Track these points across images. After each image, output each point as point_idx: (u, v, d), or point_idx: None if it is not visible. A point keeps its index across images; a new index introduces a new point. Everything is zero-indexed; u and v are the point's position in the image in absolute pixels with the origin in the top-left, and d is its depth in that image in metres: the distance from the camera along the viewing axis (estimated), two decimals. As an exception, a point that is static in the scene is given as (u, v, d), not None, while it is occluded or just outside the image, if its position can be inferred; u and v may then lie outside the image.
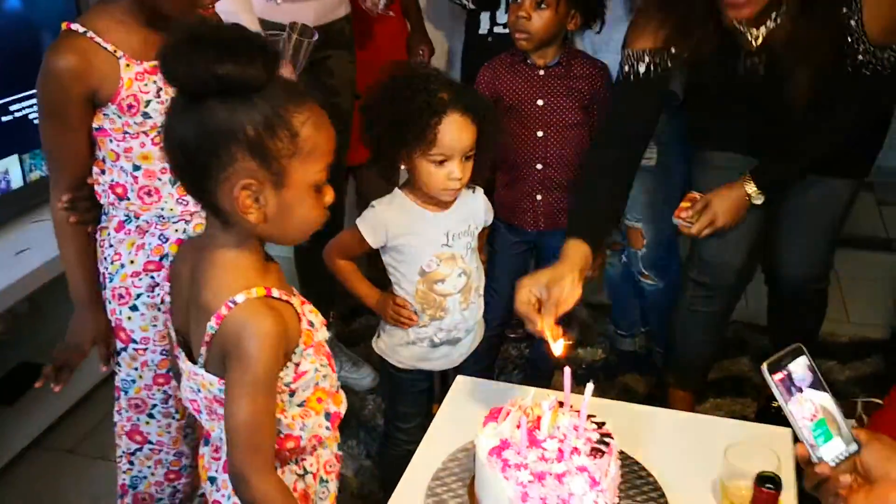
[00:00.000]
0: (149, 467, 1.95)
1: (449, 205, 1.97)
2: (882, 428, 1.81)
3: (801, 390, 1.10)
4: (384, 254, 1.99)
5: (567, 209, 2.36)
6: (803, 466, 1.11)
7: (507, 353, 3.04)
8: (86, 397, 2.78)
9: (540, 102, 2.30)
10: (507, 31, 2.49)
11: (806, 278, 2.47)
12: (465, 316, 2.02)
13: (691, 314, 2.49)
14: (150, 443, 1.92)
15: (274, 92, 1.19)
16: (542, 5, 2.21)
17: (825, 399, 1.12)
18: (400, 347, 2.03)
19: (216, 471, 1.41)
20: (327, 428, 1.41)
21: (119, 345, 1.84)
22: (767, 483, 1.03)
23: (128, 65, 1.63)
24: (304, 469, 1.42)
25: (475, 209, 2.03)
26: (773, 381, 1.08)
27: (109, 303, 1.81)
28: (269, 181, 1.21)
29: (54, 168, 1.74)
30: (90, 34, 1.60)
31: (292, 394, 1.34)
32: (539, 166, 2.35)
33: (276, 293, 1.27)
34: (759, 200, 2.18)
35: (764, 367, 1.08)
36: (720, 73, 2.07)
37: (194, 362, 1.31)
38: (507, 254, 2.49)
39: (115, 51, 1.61)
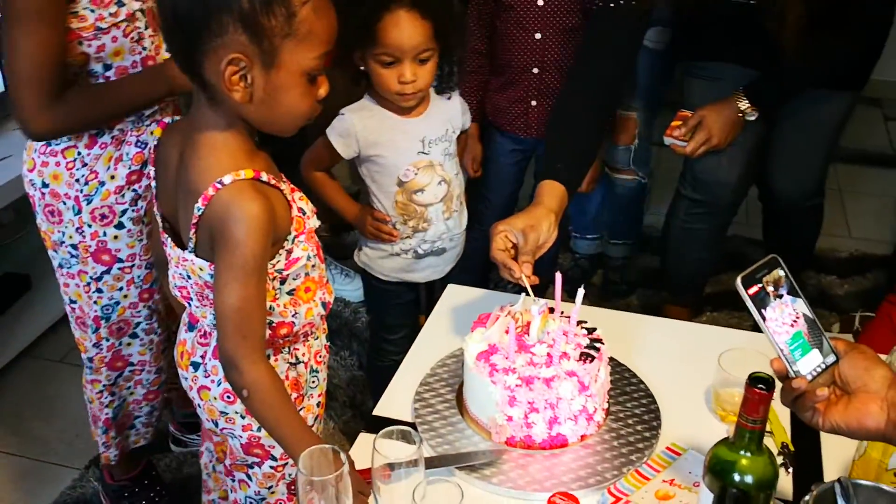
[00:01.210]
0: (128, 389, 1.93)
1: (422, 110, 1.87)
2: (873, 339, 1.78)
3: (780, 296, 1.06)
4: (359, 164, 1.91)
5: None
6: (779, 381, 1.07)
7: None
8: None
9: (540, 2, 2.19)
10: None
11: (800, 193, 2.42)
12: (449, 225, 1.96)
13: (686, 231, 2.44)
14: (132, 364, 1.90)
15: None
16: None
17: (802, 307, 1.07)
18: (383, 259, 1.98)
19: (202, 356, 1.39)
20: (320, 315, 1.39)
21: (100, 269, 1.75)
22: (760, 384, 0.99)
23: None
24: (297, 358, 1.40)
25: (451, 113, 1.93)
26: (747, 294, 1.04)
27: (89, 226, 1.70)
28: (259, 59, 1.15)
29: (32, 83, 1.50)
30: None
31: (283, 281, 1.30)
32: (535, 70, 2.26)
33: (264, 177, 1.22)
34: (752, 117, 2.12)
35: (738, 280, 1.04)
36: None
37: (183, 248, 1.27)
38: (502, 162, 2.43)
39: None
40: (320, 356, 1.47)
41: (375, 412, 1.45)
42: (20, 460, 2.31)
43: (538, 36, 2.21)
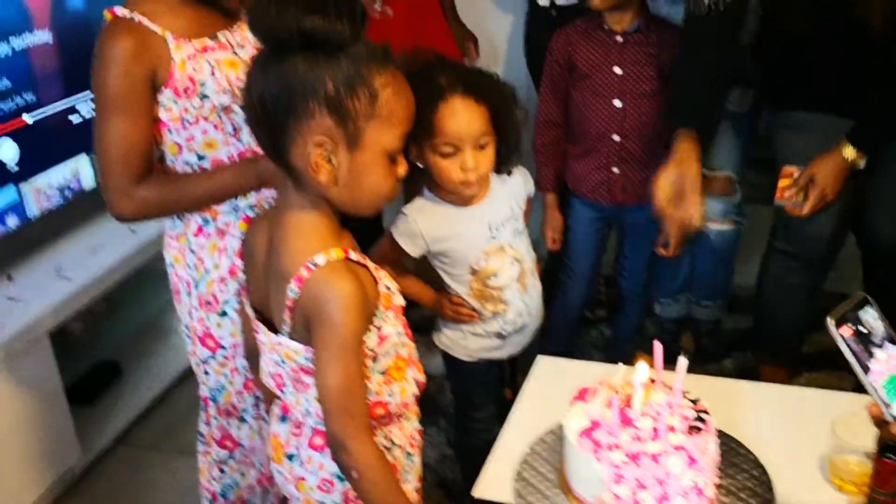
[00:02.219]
0: (241, 472, 1.92)
1: (483, 195, 1.83)
2: None
3: (878, 346, 1.01)
4: (430, 259, 1.88)
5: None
6: (876, 426, 1.01)
7: (586, 335, 2.95)
8: (165, 393, 2.79)
9: (617, 70, 2.20)
10: (569, 2, 2.41)
11: None
12: (527, 302, 1.92)
13: (781, 286, 2.37)
14: (242, 446, 1.89)
15: (358, 51, 1.17)
16: None
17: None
18: (464, 340, 1.95)
19: (296, 447, 1.38)
20: (413, 395, 1.38)
21: (206, 353, 1.77)
22: (888, 453, 0.93)
23: (177, 45, 1.56)
24: (392, 441, 1.38)
25: (514, 190, 1.89)
26: (839, 334, 0.99)
27: (196, 310, 1.73)
28: (344, 141, 1.19)
29: (116, 168, 1.57)
30: (136, 17, 1.54)
31: (375, 359, 1.30)
32: (616, 137, 2.25)
33: (353, 255, 1.24)
34: (861, 164, 2.05)
35: (829, 320, 0.99)
36: (796, 13, 1.98)
37: (276, 333, 1.28)
38: (584, 231, 2.41)
39: (163, 32, 1.55)
40: (414, 440, 1.45)
41: (475, 493, 1.42)
42: (116, 550, 2.32)
43: (617, 103, 2.21)
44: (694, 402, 1.35)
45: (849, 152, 2.04)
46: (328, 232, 1.25)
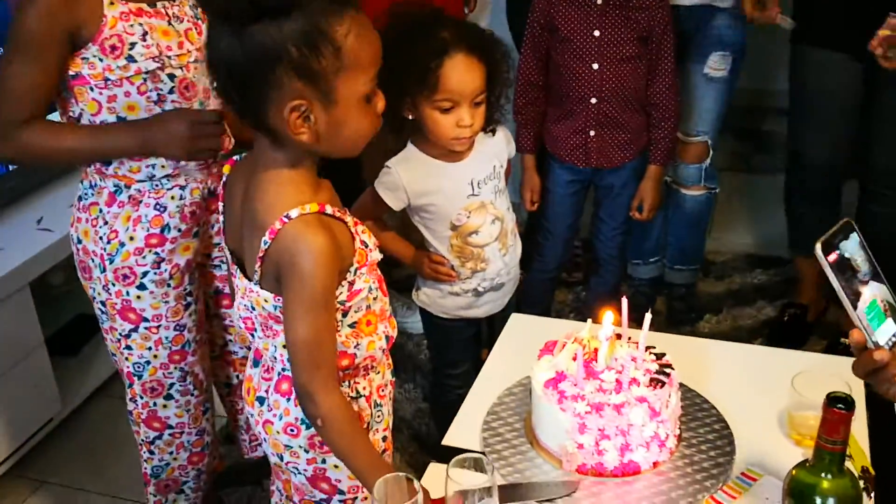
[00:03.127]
0: (170, 453, 1.91)
1: (467, 153, 1.87)
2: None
3: (862, 272, 1.04)
4: (411, 214, 1.91)
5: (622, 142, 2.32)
6: (856, 353, 1.05)
7: (562, 297, 2.99)
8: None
9: (596, 33, 2.21)
10: None
11: None
12: (506, 261, 1.96)
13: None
14: (170, 426, 1.88)
15: (312, 5, 1.16)
16: None
17: (877, 283, 1.06)
18: (442, 299, 1.99)
19: (266, 391, 1.40)
20: (381, 349, 1.40)
21: (128, 326, 1.75)
22: (839, 403, 0.97)
23: (112, 3, 1.54)
24: (357, 392, 1.40)
25: (496, 149, 1.93)
26: (827, 261, 1.02)
27: (113, 284, 1.70)
28: (319, 100, 1.19)
29: (7, 107, 1.55)
30: None
31: (345, 313, 1.32)
32: (593, 101, 2.27)
33: (329, 209, 1.25)
34: None
35: (818, 247, 1.02)
36: None
37: (249, 279, 1.30)
38: (561, 192, 2.43)
39: None
40: (384, 390, 1.47)
41: (444, 443, 1.45)
42: (92, 496, 2.36)
43: (595, 66, 2.23)
44: (658, 356, 1.39)
45: None
46: (305, 185, 1.26)
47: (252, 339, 1.40)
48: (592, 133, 2.31)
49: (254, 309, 1.33)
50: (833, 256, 1.03)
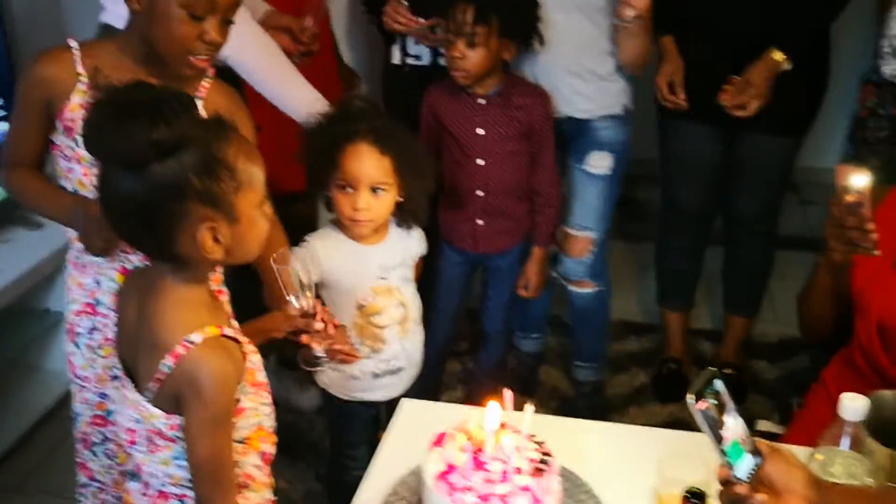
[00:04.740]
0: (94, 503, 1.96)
1: (380, 238, 2.00)
2: (799, 428, 1.92)
3: (724, 422, 1.18)
4: (320, 288, 1.99)
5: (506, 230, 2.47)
6: (721, 486, 1.19)
7: (451, 368, 3.08)
8: (29, 433, 2.73)
9: (480, 131, 2.35)
10: (420, 61, 2.56)
11: (756, 218, 2.85)
12: (405, 346, 2.07)
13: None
14: (97, 480, 1.93)
15: (202, 136, 1.23)
16: (474, 43, 2.22)
17: (738, 423, 1.20)
18: (344, 381, 2.06)
19: None
20: (256, 467, 1.43)
21: (70, 374, 1.86)
22: (694, 497, 1.10)
23: (82, 91, 1.65)
24: None
25: (409, 244, 2.07)
26: (696, 409, 1.15)
27: (65, 333, 1.84)
28: (223, 219, 1.26)
29: (7, 146, 1.78)
30: (76, 52, 1.66)
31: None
32: (480, 193, 2.40)
33: (227, 331, 1.31)
34: (787, 66, 2.46)
35: (689, 398, 1.16)
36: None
37: (140, 393, 1.34)
38: (450, 273, 2.56)
39: (80, 74, 1.65)
40: None
41: (341, 533, 1.51)
42: None
43: (480, 161, 2.37)
44: (539, 444, 1.49)
45: (777, 55, 2.44)
46: (203, 307, 1.32)
47: (131, 453, 1.42)
48: (480, 222, 2.44)
49: (140, 422, 1.36)
50: (703, 404, 1.16)
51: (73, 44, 1.68)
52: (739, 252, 2.98)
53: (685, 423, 2.69)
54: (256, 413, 1.39)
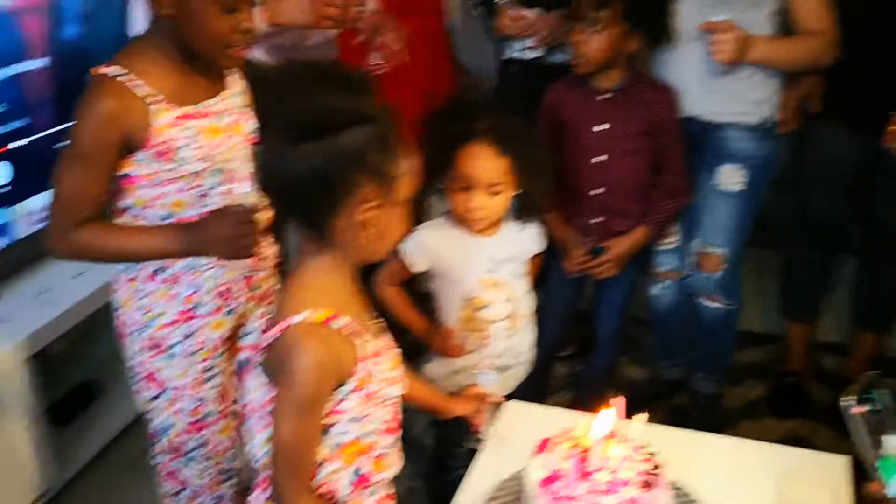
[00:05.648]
0: None
1: (494, 230, 1.96)
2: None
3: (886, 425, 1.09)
4: (429, 279, 1.99)
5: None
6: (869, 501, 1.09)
7: (557, 372, 3.01)
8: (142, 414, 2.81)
9: (600, 127, 2.28)
10: (535, 55, 2.51)
11: None
12: (513, 343, 2.01)
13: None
14: (190, 485, 1.94)
15: (380, 115, 1.25)
16: (596, 28, 2.16)
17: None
18: (449, 375, 2.03)
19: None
20: (349, 483, 1.36)
21: (151, 393, 1.83)
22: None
23: (162, 109, 1.61)
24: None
25: (525, 240, 2.01)
26: (853, 414, 1.07)
27: (142, 353, 1.80)
28: (383, 202, 1.26)
29: (63, 209, 1.65)
30: (123, 78, 1.59)
31: (326, 429, 1.31)
32: (597, 191, 2.33)
33: (339, 322, 1.27)
34: None
35: (846, 400, 1.07)
36: None
37: None
38: (563, 275, 2.48)
39: (146, 95, 1.60)
40: None
41: (438, 535, 1.48)
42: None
43: (599, 159, 2.30)
44: (650, 455, 1.42)
45: None
46: (334, 293, 1.30)
47: (247, 423, 1.40)
48: (597, 220, 2.37)
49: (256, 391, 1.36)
50: (859, 409, 1.07)
51: (111, 71, 1.59)
52: (877, 263, 2.80)
53: (805, 440, 2.62)
54: (361, 425, 1.33)
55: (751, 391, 2.97)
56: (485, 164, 1.85)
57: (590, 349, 2.78)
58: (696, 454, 1.62)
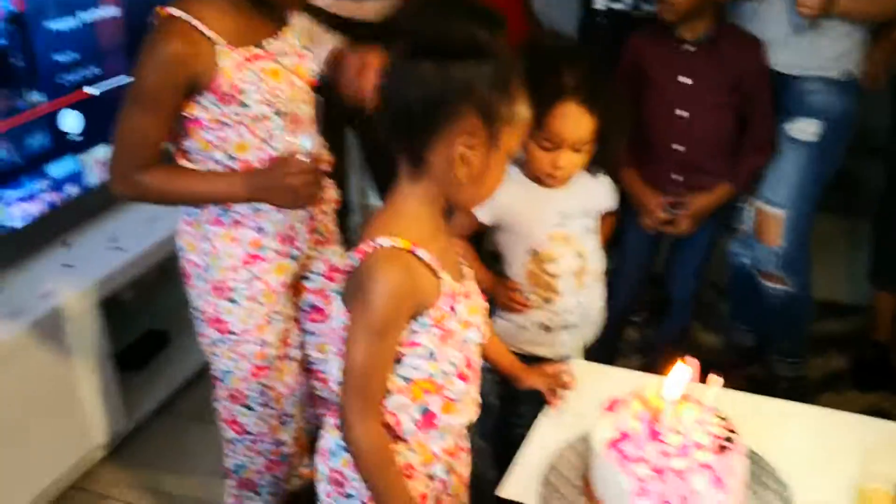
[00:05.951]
0: (248, 457, 1.97)
1: (565, 183, 1.88)
2: None
3: None
4: (496, 232, 1.92)
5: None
6: None
7: (628, 336, 2.93)
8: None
9: (684, 80, 2.18)
10: (621, 4, 2.41)
11: None
12: (581, 301, 1.93)
13: None
14: (249, 433, 1.94)
15: (503, 57, 1.24)
16: None
17: None
18: (514, 331, 1.97)
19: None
20: (414, 419, 1.33)
21: (215, 336, 1.82)
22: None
23: (225, 52, 1.59)
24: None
25: (596, 194, 1.92)
26: None
27: (208, 294, 1.78)
28: (485, 142, 1.24)
29: (125, 151, 1.64)
30: (188, 19, 1.56)
31: (398, 360, 1.29)
32: (678, 147, 2.24)
33: (422, 253, 1.25)
34: None
35: None
36: None
37: None
38: (638, 232, 2.40)
39: (212, 37, 1.57)
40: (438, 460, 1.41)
41: (500, 493, 1.43)
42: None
43: (682, 113, 2.20)
44: (724, 419, 1.35)
45: None
46: (419, 224, 1.27)
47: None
48: (676, 177, 2.27)
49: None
50: None
51: (177, 12, 1.56)
52: None
53: (888, 413, 2.49)
54: (434, 363, 1.30)
55: (832, 362, 2.85)
56: (576, 123, 1.76)
57: (662, 315, 2.69)
58: (773, 422, 1.55)
